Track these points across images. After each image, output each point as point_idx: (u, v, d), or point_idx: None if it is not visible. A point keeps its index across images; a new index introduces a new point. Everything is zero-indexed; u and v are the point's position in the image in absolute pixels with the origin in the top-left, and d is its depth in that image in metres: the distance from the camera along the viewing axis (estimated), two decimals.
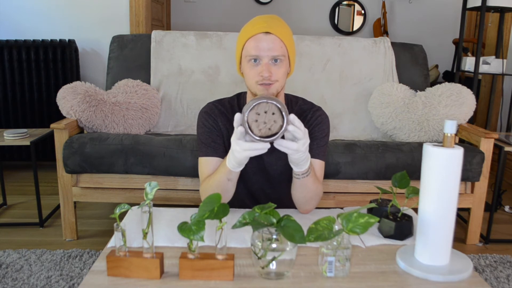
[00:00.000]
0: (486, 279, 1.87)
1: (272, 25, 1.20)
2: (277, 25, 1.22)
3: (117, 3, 3.14)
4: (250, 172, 1.35)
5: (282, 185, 1.38)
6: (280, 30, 1.21)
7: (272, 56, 1.19)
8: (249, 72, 1.23)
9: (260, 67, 1.20)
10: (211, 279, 0.92)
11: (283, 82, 1.26)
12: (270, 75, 1.19)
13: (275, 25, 1.21)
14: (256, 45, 1.19)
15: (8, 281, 1.75)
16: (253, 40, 1.20)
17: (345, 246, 0.95)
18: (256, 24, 1.21)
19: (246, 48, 1.22)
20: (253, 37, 1.20)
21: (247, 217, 0.93)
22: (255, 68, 1.21)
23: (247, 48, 1.22)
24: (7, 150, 3.16)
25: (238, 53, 1.27)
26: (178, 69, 2.51)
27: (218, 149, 1.32)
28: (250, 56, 1.21)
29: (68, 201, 2.08)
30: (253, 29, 1.21)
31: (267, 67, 1.19)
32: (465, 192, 2.15)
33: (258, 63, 1.21)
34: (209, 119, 1.34)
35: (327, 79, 2.54)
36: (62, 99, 2.14)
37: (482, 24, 2.72)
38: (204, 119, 1.35)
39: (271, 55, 1.19)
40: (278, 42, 1.20)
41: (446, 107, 2.25)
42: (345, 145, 2.04)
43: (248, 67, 1.23)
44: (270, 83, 1.21)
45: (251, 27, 1.22)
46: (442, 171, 0.94)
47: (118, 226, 0.93)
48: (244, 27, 1.25)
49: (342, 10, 4.77)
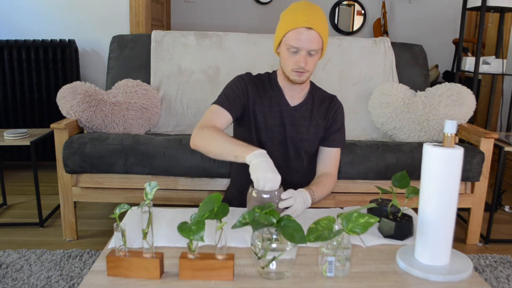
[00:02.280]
0: (486, 279, 1.87)
1: (314, 20, 1.31)
2: (318, 19, 1.32)
3: (117, 3, 3.14)
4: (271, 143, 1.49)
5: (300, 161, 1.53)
6: (320, 25, 1.32)
7: (311, 49, 1.32)
8: (288, 59, 1.36)
9: (298, 57, 1.33)
10: (211, 279, 0.92)
11: (314, 70, 1.40)
12: (306, 65, 1.33)
13: (317, 20, 1.31)
14: (298, 37, 1.31)
15: (8, 281, 1.75)
16: (295, 32, 1.31)
17: (345, 246, 0.95)
18: (300, 16, 1.31)
19: (287, 36, 1.33)
20: (296, 29, 1.31)
21: (247, 217, 0.93)
22: (293, 57, 1.34)
23: (288, 37, 1.33)
24: (7, 150, 3.16)
25: (279, 37, 1.37)
26: (178, 69, 2.51)
27: (233, 107, 1.42)
28: (290, 46, 1.32)
29: (68, 201, 2.08)
30: (297, 21, 1.31)
31: (304, 59, 1.33)
32: (465, 192, 2.15)
33: (296, 53, 1.33)
34: (241, 82, 1.46)
35: (327, 79, 2.54)
36: (62, 99, 2.14)
37: (482, 24, 2.72)
38: (238, 81, 1.47)
39: (309, 48, 1.32)
40: (317, 37, 1.32)
41: (446, 107, 2.25)
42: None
43: (287, 54, 1.35)
44: (303, 72, 1.36)
45: (295, 17, 1.32)
46: (442, 171, 0.94)
47: (118, 226, 0.93)
48: (288, 13, 1.35)
49: (342, 10, 4.77)
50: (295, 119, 1.48)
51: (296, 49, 1.32)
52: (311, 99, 1.50)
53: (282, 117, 1.47)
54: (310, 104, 1.49)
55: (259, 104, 1.46)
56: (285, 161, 1.51)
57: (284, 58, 1.37)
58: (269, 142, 1.48)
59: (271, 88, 1.48)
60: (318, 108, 1.50)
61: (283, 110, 1.47)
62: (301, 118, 1.48)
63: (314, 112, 1.49)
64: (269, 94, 1.47)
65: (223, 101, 1.43)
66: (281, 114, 1.47)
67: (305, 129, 1.48)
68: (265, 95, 1.47)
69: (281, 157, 1.49)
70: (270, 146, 1.47)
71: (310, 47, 1.31)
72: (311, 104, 1.49)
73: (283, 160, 1.50)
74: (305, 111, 1.48)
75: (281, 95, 1.47)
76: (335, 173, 1.54)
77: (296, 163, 1.52)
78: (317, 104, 1.50)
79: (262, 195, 1.15)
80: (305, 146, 1.50)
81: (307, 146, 1.50)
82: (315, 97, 1.51)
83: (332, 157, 1.53)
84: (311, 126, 1.49)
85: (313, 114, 1.49)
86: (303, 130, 1.48)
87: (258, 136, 1.48)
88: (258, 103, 1.46)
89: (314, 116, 1.49)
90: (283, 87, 1.48)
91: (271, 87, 1.48)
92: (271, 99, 1.47)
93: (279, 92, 1.47)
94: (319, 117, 1.50)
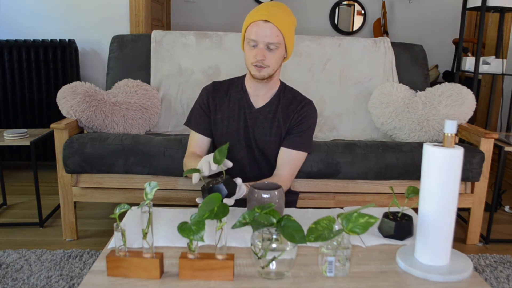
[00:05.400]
0: (486, 279, 1.87)
1: (273, 14, 1.32)
2: (278, 13, 1.33)
3: (117, 3, 3.14)
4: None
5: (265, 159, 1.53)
6: (279, 19, 1.32)
7: (268, 43, 1.33)
8: (247, 54, 1.39)
9: (255, 50, 1.35)
10: (211, 279, 0.92)
11: (276, 67, 1.40)
12: (263, 59, 1.34)
13: (275, 14, 1.33)
14: (255, 31, 1.33)
15: (8, 281, 1.75)
16: (254, 26, 1.34)
17: (345, 246, 0.95)
18: (260, 10, 1.34)
19: (248, 31, 1.37)
20: (254, 22, 1.34)
21: (247, 217, 0.93)
22: (252, 51, 1.36)
23: (248, 32, 1.36)
24: (7, 150, 3.16)
25: (243, 33, 1.41)
26: (178, 69, 2.51)
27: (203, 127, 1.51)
28: (250, 40, 1.35)
29: (68, 201, 2.09)
30: (255, 15, 1.34)
31: (261, 52, 1.34)
32: (465, 192, 2.15)
33: (255, 47, 1.35)
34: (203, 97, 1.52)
35: (327, 79, 2.54)
36: (62, 99, 2.14)
37: (482, 24, 2.72)
38: (200, 96, 1.54)
39: (266, 42, 1.33)
40: (275, 31, 1.32)
41: (446, 107, 2.25)
42: (345, 145, 2.04)
43: (247, 49, 1.38)
44: (263, 67, 1.36)
45: (255, 12, 1.36)
46: (442, 171, 0.94)
47: (118, 226, 0.93)
48: (251, 11, 1.39)
49: (342, 10, 4.77)
50: (259, 121, 1.48)
51: (255, 42, 1.34)
52: (277, 100, 1.48)
53: (246, 119, 1.48)
54: (275, 105, 1.48)
55: (220, 111, 1.49)
56: (252, 163, 1.52)
57: (246, 53, 1.40)
58: (237, 145, 1.50)
59: (236, 91, 1.50)
60: (283, 109, 1.47)
61: (246, 113, 1.48)
62: (264, 119, 1.48)
63: (277, 114, 1.47)
64: (233, 97, 1.49)
65: (194, 123, 1.53)
66: (245, 116, 1.48)
67: (268, 130, 1.48)
68: (229, 99, 1.50)
69: (249, 159, 1.51)
70: (238, 149, 1.50)
71: (267, 40, 1.32)
72: (276, 105, 1.48)
73: (250, 162, 1.52)
74: (269, 112, 1.48)
75: (246, 98, 1.49)
76: (286, 176, 1.45)
77: (263, 165, 1.52)
78: (283, 105, 1.48)
79: (262, 195, 1.15)
80: (270, 147, 1.49)
81: (273, 148, 1.49)
82: (282, 98, 1.49)
83: (286, 159, 1.46)
84: (273, 127, 1.47)
85: (276, 115, 1.47)
86: (266, 131, 1.48)
87: (224, 141, 1.49)
88: (220, 110, 1.49)
89: (277, 117, 1.47)
90: (249, 88, 1.48)
91: (236, 91, 1.50)
92: (235, 103, 1.49)
93: (244, 95, 1.49)
94: (282, 118, 1.47)
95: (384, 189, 2.06)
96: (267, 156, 1.51)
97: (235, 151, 1.50)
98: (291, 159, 1.46)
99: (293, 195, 1.67)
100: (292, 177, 1.49)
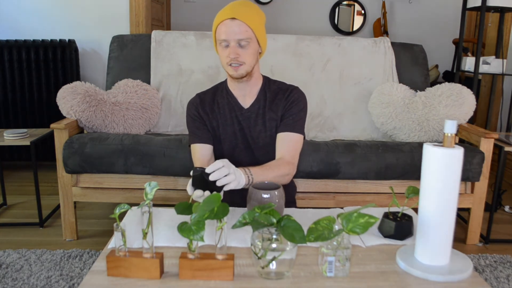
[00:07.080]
0: (486, 279, 1.87)
1: (238, 11, 1.33)
2: (243, 10, 1.34)
3: (117, 3, 3.14)
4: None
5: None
6: (245, 15, 1.33)
7: (238, 39, 1.33)
8: (221, 55, 1.38)
9: (228, 50, 1.35)
10: (211, 279, 0.92)
11: (253, 63, 1.39)
12: (237, 56, 1.34)
13: (240, 11, 1.33)
14: (224, 30, 1.33)
15: (8, 281, 1.75)
16: (222, 26, 1.34)
17: (345, 246, 0.95)
18: (225, 10, 1.35)
19: (217, 32, 1.37)
20: (222, 23, 1.34)
21: (247, 217, 0.93)
22: (225, 51, 1.36)
23: (218, 33, 1.36)
24: (7, 150, 3.16)
25: (213, 37, 1.41)
26: (178, 69, 2.51)
27: (203, 136, 1.49)
28: (220, 40, 1.35)
29: (68, 201, 2.09)
30: (222, 15, 1.35)
31: (234, 50, 1.34)
32: (465, 192, 2.15)
33: (227, 46, 1.35)
34: (192, 110, 1.51)
35: (327, 79, 2.54)
36: (62, 99, 2.14)
37: (482, 24, 2.72)
38: (189, 110, 1.52)
39: (236, 39, 1.33)
40: (243, 27, 1.33)
41: (446, 107, 2.25)
42: (345, 145, 2.04)
43: (220, 50, 1.38)
44: (239, 64, 1.36)
45: (221, 13, 1.36)
46: (442, 171, 0.94)
47: (118, 226, 0.93)
48: (217, 13, 1.38)
49: (342, 10, 4.77)
50: (251, 120, 1.48)
51: (226, 42, 1.34)
52: (264, 94, 1.48)
53: (239, 121, 1.48)
54: (263, 100, 1.48)
55: (214, 119, 1.49)
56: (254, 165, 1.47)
57: (220, 55, 1.39)
58: (236, 149, 1.50)
59: (222, 96, 1.50)
60: (271, 102, 1.47)
61: (238, 115, 1.48)
62: (257, 117, 1.48)
63: (266, 108, 1.47)
64: (221, 103, 1.49)
65: (193, 137, 1.50)
66: (238, 119, 1.48)
67: (262, 127, 1.48)
68: (218, 106, 1.49)
69: (251, 160, 1.49)
70: (238, 153, 1.50)
71: (237, 36, 1.32)
72: (263, 100, 1.48)
73: (253, 163, 1.47)
74: (259, 109, 1.48)
75: (234, 100, 1.48)
76: (289, 158, 1.43)
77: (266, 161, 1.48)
78: (270, 98, 1.48)
79: (262, 195, 1.15)
80: (270, 143, 1.48)
81: (272, 144, 1.49)
82: (268, 92, 1.49)
83: (283, 140, 1.45)
84: (266, 122, 1.47)
85: (265, 110, 1.47)
86: (261, 128, 1.48)
87: (224, 147, 1.50)
88: (213, 118, 1.49)
89: (268, 111, 1.47)
90: (233, 90, 1.48)
91: (222, 96, 1.50)
92: (225, 108, 1.48)
93: (231, 98, 1.48)
94: (273, 110, 1.47)
95: (384, 189, 2.06)
96: (268, 152, 1.50)
97: (235, 156, 1.49)
98: (288, 140, 1.45)
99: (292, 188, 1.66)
100: (295, 159, 1.46)
